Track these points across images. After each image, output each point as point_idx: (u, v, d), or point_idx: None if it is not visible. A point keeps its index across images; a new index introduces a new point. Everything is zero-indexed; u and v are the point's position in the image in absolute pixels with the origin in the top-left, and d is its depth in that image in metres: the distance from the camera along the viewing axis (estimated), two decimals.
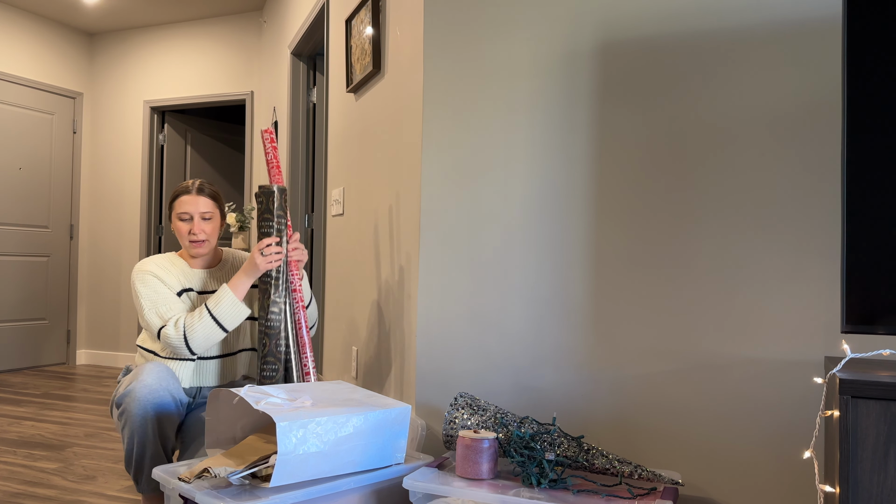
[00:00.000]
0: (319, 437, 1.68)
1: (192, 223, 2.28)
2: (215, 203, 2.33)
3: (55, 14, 5.52)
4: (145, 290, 2.23)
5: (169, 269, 2.29)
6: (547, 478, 1.69)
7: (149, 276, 2.24)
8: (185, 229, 2.29)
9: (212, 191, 2.34)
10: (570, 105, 2.07)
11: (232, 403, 1.92)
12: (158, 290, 2.23)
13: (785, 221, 1.84)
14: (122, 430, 2.08)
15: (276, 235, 2.21)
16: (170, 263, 2.32)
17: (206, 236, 2.29)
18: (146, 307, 2.21)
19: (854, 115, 1.36)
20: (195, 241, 2.28)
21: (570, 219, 2.06)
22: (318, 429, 1.67)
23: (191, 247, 2.29)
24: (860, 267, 1.35)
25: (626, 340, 1.99)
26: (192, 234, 2.27)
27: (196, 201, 2.28)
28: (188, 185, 2.32)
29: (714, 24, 1.92)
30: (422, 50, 2.22)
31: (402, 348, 2.34)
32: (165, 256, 2.35)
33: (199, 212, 2.28)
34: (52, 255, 5.67)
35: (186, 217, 2.28)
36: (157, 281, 2.24)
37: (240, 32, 5.48)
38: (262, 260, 2.16)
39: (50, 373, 5.37)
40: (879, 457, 1.21)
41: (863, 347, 1.75)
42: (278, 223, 2.22)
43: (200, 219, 2.29)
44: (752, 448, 1.86)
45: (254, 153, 5.36)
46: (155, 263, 2.29)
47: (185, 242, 2.30)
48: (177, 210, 2.30)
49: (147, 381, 2.07)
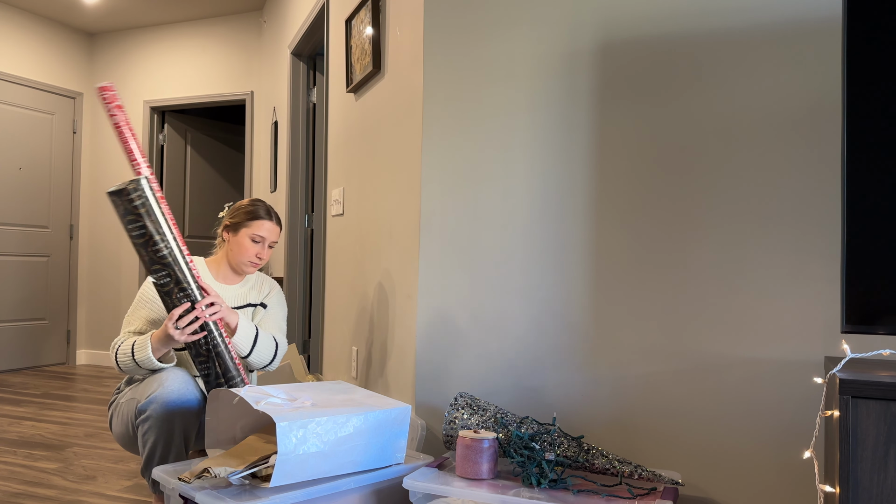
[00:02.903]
0: (319, 437, 1.67)
1: (262, 248, 2.35)
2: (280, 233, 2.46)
3: (55, 14, 5.52)
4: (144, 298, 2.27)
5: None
6: (547, 478, 1.69)
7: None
8: (253, 251, 2.34)
9: (279, 221, 2.43)
10: (570, 105, 2.07)
11: (232, 403, 1.92)
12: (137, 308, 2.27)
13: (785, 221, 1.84)
14: (142, 436, 2.07)
15: (180, 293, 2.01)
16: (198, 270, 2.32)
17: (264, 262, 2.40)
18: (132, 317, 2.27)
19: (854, 115, 1.36)
20: (256, 264, 2.36)
21: (570, 219, 2.06)
22: (318, 429, 1.67)
23: (248, 265, 2.36)
24: (860, 267, 1.35)
25: (626, 340, 1.99)
26: (259, 259, 2.35)
27: (274, 230, 2.37)
28: (268, 210, 2.38)
29: (714, 24, 1.92)
30: (422, 50, 2.22)
31: (402, 348, 2.34)
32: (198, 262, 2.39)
33: (272, 241, 2.37)
34: (52, 255, 5.67)
35: (259, 240, 2.34)
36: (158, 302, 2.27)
37: (240, 32, 5.48)
38: (177, 333, 2.01)
39: (50, 373, 5.37)
40: (879, 457, 1.21)
41: (863, 347, 1.75)
42: (177, 275, 2.00)
43: (268, 246, 2.37)
44: (752, 448, 1.86)
45: (254, 153, 5.36)
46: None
47: (244, 260, 2.34)
48: (252, 230, 2.34)
49: (172, 386, 2.07)
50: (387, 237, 2.52)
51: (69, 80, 5.80)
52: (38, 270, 5.56)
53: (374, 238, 2.66)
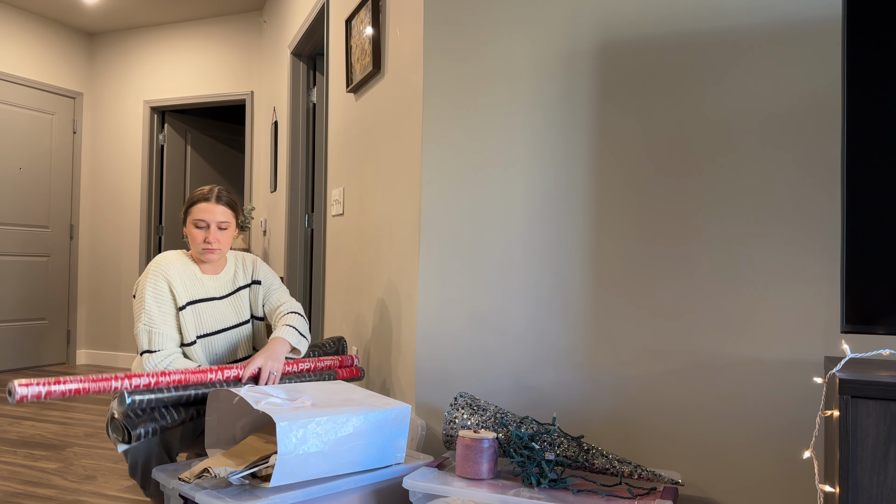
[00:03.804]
0: (319, 437, 1.67)
1: (207, 231, 2.25)
2: (232, 212, 2.31)
3: (55, 14, 5.52)
4: (152, 302, 2.18)
5: (183, 277, 2.26)
6: (547, 478, 1.69)
7: (164, 285, 2.20)
8: (200, 237, 2.25)
9: (230, 199, 2.31)
10: (570, 105, 2.07)
11: (232, 403, 1.91)
12: (163, 310, 2.18)
13: (785, 221, 1.84)
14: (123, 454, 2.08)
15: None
16: (184, 268, 2.28)
17: (220, 245, 2.26)
18: (143, 321, 2.16)
19: (854, 115, 1.36)
20: (209, 249, 2.25)
21: (570, 218, 2.06)
22: (318, 429, 1.67)
23: (203, 254, 2.26)
24: (860, 267, 1.35)
25: (626, 340, 1.99)
26: (207, 243, 2.24)
27: (214, 210, 2.25)
28: (206, 192, 2.28)
29: (714, 24, 1.92)
30: (422, 50, 2.22)
31: (402, 348, 2.34)
32: (182, 259, 2.32)
33: (217, 221, 2.25)
34: (52, 255, 5.67)
35: (202, 225, 2.25)
36: (169, 295, 2.21)
37: (240, 32, 5.48)
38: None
39: (50, 373, 5.37)
40: (879, 457, 1.21)
41: (863, 347, 1.75)
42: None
43: (217, 228, 2.25)
44: (752, 448, 1.86)
45: (254, 153, 5.36)
46: (175, 267, 2.26)
47: (197, 249, 2.26)
48: (193, 216, 2.26)
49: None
50: (387, 237, 2.52)
51: (69, 80, 5.80)
52: (38, 270, 5.56)
53: (374, 238, 2.66)
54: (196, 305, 2.27)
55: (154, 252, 5.80)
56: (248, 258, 2.45)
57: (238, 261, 2.44)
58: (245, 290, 2.39)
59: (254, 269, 2.42)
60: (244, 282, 2.39)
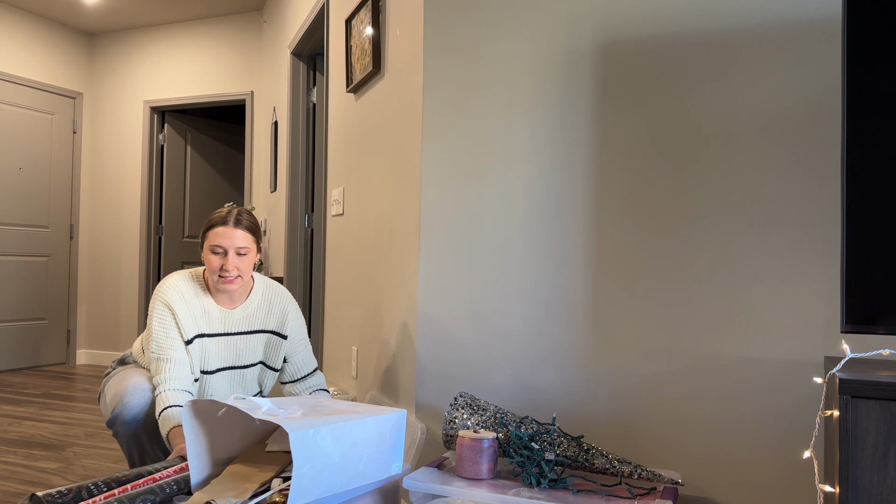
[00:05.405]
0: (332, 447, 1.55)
1: (224, 259, 2.04)
2: (253, 237, 2.10)
3: (55, 14, 5.52)
4: (158, 328, 2.08)
5: (190, 306, 2.10)
6: (546, 478, 1.69)
7: (167, 313, 2.08)
8: (216, 264, 2.05)
9: (250, 223, 2.11)
10: (570, 105, 2.07)
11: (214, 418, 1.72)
12: (169, 335, 2.07)
13: (785, 221, 1.84)
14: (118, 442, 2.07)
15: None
16: (193, 296, 2.12)
17: (238, 273, 2.06)
18: (153, 346, 2.07)
19: (854, 116, 1.36)
20: (226, 278, 2.05)
21: (570, 219, 2.06)
22: (330, 438, 1.54)
23: (219, 282, 2.06)
24: (860, 267, 1.35)
25: (626, 340, 1.99)
26: (224, 271, 2.04)
27: (232, 235, 2.04)
28: (225, 216, 2.08)
29: (714, 24, 1.92)
30: (422, 50, 2.22)
31: (402, 348, 2.34)
32: (192, 283, 2.14)
33: (235, 246, 2.05)
34: (52, 254, 5.67)
35: (219, 251, 2.05)
36: (173, 323, 2.08)
37: (240, 32, 5.48)
38: None
39: (50, 373, 5.37)
40: (879, 457, 1.21)
41: (863, 347, 1.75)
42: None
43: (235, 254, 2.05)
44: (752, 448, 1.86)
45: (253, 153, 5.36)
46: (179, 294, 2.10)
47: (213, 277, 2.07)
48: (210, 241, 2.06)
49: (132, 402, 2.03)
50: (387, 237, 2.52)
51: (69, 80, 5.80)
52: (38, 270, 5.56)
53: (374, 238, 2.66)
54: (203, 340, 2.13)
55: (154, 252, 5.80)
56: (279, 299, 2.23)
57: (267, 299, 2.21)
58: (263, 336, 2.21)
59: (284, 320, 2.22)
60: (267, 325, 2.20)
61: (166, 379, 2.02)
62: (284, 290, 2.27)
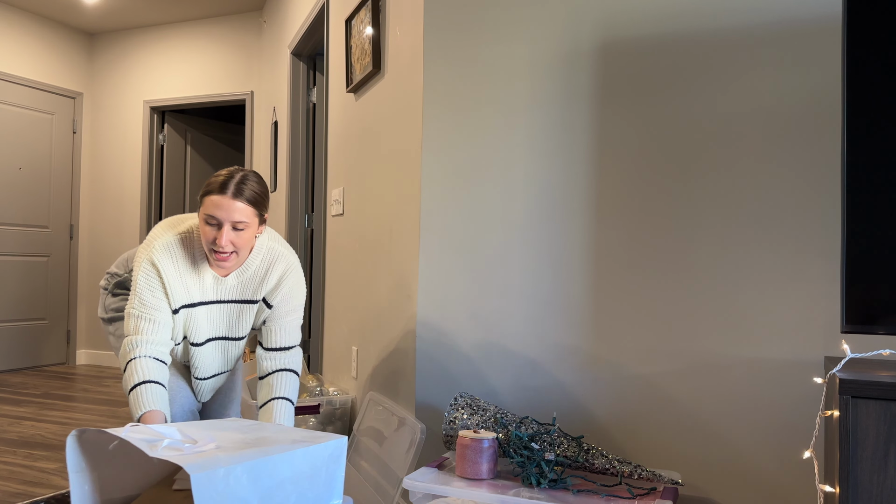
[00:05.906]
0: (246, 489, 1.26)
1: (218, 231, 1.77)
2: (254, 210, 1.80)
3: (55, 14, 5.52)
4: (144, 286, 1.83)
5: (183, 274, 1.87)
6: (546, 478, 1.69)
7: (155, 275, 1.84)
8: (210, 235, 1.78)
9: (253, 193, 1.80)
10: (570, 105, 2.07)
11: (106, 451, 1.43)
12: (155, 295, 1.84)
13: (785, 221, 1.84)
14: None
15: None
16: (187, 264, 1.88)
17: (234, 248, 1.79)
18: (136, 302, 1.84)
19: (854, 115, 1.36)
20: (219, 253, 1.79)
21: (570, 219, 2.06)
22: (244, 478, 1.25)
23: (212, 256, 1.81)
24: (860, 267, 1.35)
25: (626, 340, 1.99)
26: (217, 246, 1.77)
27: (229, 207, 1.75)
28: (222, 183, 1.78)
29: (714, 24, 1.92)
30: (422, 50, 2.22)
31: (402, 348, 2.34)
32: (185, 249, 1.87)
33: (232, 220, 1.77)
34: (52, 255, 5.67)
35: (213, 222, 1.77)
36: (160, 286, 1.84)
37: (240, 32, 5.48)
38: None
39: (50, 373, 5.37)
40: (879, 457, 1.21)
41: (863, 347, 1.75)
42: None
43: (231, 228, 1.77)
44: (752, 448, 1.86)
45: (253, 153, 5.36)
46: (172, 260, 1.85)
47: (206, 247, 1.81)
48: (205, 209, 1.78)
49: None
50: (387, 237, 2.52)
51: (69, 80, 5.80)
52: (38, 270, 5.56)
53: (374, 238, 2.66)
54: (192, 309, 1.92)
55: None
56: (281, 264, 1.96)
57: (265, 263, 1.95)
58: (254, 306, 1.99)
59: (277, 285, 1.96)
60: (253, 295, 1.97)
61: (144, 342, 1.80)
62: (288, 254, 1.99)
